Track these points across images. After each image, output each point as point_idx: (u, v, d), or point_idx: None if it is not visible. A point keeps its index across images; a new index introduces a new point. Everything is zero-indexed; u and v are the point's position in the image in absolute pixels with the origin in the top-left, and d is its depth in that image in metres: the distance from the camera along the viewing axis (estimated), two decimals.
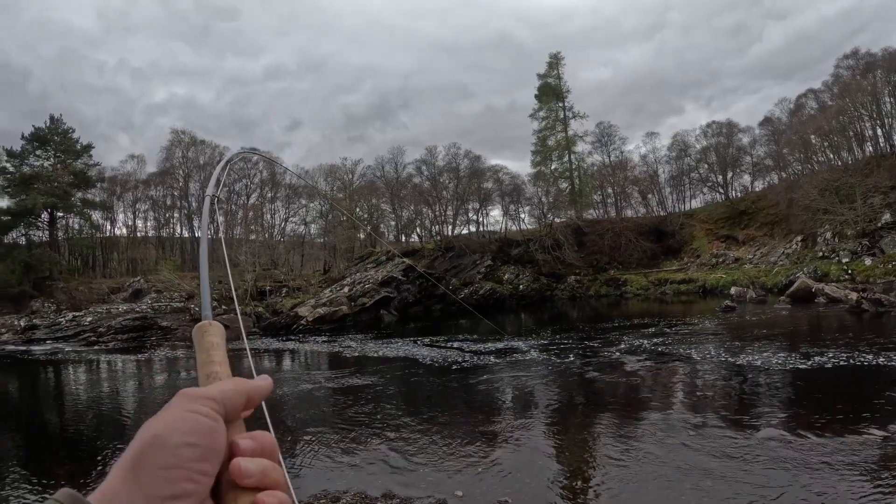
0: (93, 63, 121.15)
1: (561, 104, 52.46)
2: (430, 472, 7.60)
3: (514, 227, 48.81)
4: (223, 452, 0.57)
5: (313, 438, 9.51)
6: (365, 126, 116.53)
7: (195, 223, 48.00)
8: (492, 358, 17.30)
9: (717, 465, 7.12)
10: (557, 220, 48.23)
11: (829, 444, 7.50)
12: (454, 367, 16.23)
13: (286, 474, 0.62)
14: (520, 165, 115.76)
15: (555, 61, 53.35)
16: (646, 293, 41.79)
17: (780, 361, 13.54)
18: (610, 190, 52.74)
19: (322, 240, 47.63)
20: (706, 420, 9.15)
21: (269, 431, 0.67)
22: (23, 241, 46.04)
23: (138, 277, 42.58)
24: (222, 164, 1.48)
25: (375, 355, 19.97)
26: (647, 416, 9.71)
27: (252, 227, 43.98)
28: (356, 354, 20.55)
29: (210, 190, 1.30)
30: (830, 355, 13.73)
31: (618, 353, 16.32)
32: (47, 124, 47.80)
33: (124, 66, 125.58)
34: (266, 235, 44.09)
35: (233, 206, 45.32)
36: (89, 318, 36.49)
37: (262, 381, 0.68)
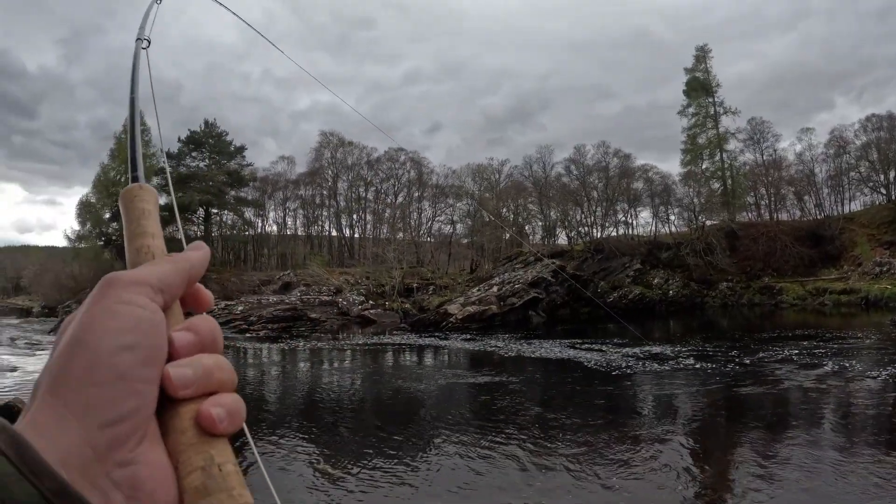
0: (238, 75, 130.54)
1: (710, 100, 49.93)
2: (571, 483, 7.38)
3: (663, 230, 46.92)
4: (166, 348, 0.45)
5: (449, 440, 9.43)
6: (504, 128, 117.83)
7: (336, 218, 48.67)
8: (638, 365, 16.80)
9: (865, 497, 6.59)
10: (709, 222, 45.98)
11: None
12: (601, 372, 16.03)
13: (234, 370, 0.49)
14: (664, 167, 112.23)
15: (702, 54, 50.86)
16: (802, 303, 38.96)
17: None
18: (763, 191, 49.22)
19: (467, 240, 47.88)
20: (858, 447, 8.40)
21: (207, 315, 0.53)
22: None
23: (288, 271, 44.49)
24: (151, 2, 1.20)
25: (524, 356, 19.92)
26: (795, 437, 9.05)
27: (399, 226, 44.92)
28: (510, 354, 20.49)
29: (139, 32, 1.04)
30: None
31: (769, 368, 15.30)
32: (202, 128, 51.12)
33: (268, 77, 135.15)
34: (413, 234, 44.94)
35: (380, 206, 46.77)
36: (240, 308, 38.39)
37: (198, 251, 0.54)
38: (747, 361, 16.48)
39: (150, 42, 1.01)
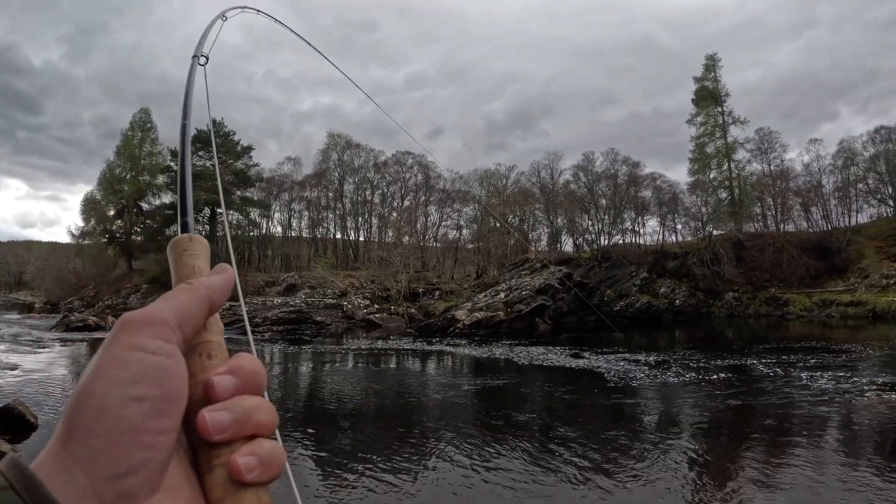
0: (242, 74, 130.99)
1: (719, 109, 49.51)
2: (572, 491, 7.28)
3: (670, 239, 46.54)
4: (185, 393, 0.43)
5: (451, 447, 9.24)
6: (505, 133, 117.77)
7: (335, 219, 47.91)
8: (642, 375, 16.53)
9: None
10: (716, 232, 45.56)
11: None
12: (605, 381, 15.81)
13: (275, 412, 0.46)
14: (669, 175, 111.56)
15: (711, 63, 50.58)
16: (809, 315, 38.68)
17: None
18: (770, 201, 48.93)
19: (472, 245, 47.65)
20: (862, 462, 8.17)
21: (251, 352, 0.51)
22: None
23: (292, 273, 44.23)
24: (216, 18, 1.24)
25: (529, 364, 19.61)
26: (799, 451, 8.82)
27: (405, 230, 44.76)
28: (516, 361, 20.15)
29: (196, 48, 1.02)
30: None
31: (774, 380, 15.02)
32: (209, 127, 50.93)
33: (271, 78, 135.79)
34: (419, 238, 44.69)
35: (385, 210, 46.56)
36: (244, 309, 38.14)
37: (221, 274, 0.50)
38: (752, 373, 16.25)
39: (208, 59, 0.96)
